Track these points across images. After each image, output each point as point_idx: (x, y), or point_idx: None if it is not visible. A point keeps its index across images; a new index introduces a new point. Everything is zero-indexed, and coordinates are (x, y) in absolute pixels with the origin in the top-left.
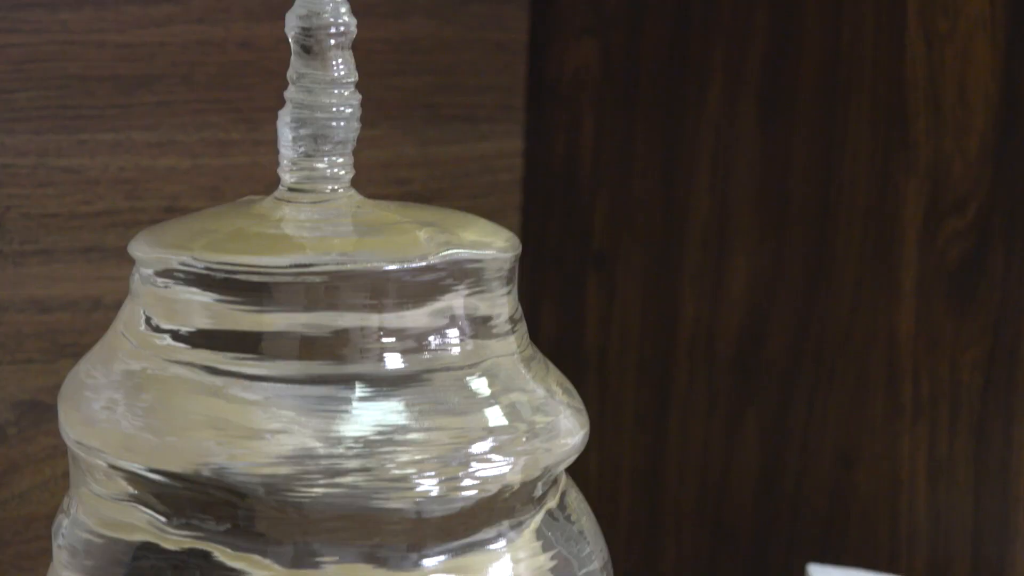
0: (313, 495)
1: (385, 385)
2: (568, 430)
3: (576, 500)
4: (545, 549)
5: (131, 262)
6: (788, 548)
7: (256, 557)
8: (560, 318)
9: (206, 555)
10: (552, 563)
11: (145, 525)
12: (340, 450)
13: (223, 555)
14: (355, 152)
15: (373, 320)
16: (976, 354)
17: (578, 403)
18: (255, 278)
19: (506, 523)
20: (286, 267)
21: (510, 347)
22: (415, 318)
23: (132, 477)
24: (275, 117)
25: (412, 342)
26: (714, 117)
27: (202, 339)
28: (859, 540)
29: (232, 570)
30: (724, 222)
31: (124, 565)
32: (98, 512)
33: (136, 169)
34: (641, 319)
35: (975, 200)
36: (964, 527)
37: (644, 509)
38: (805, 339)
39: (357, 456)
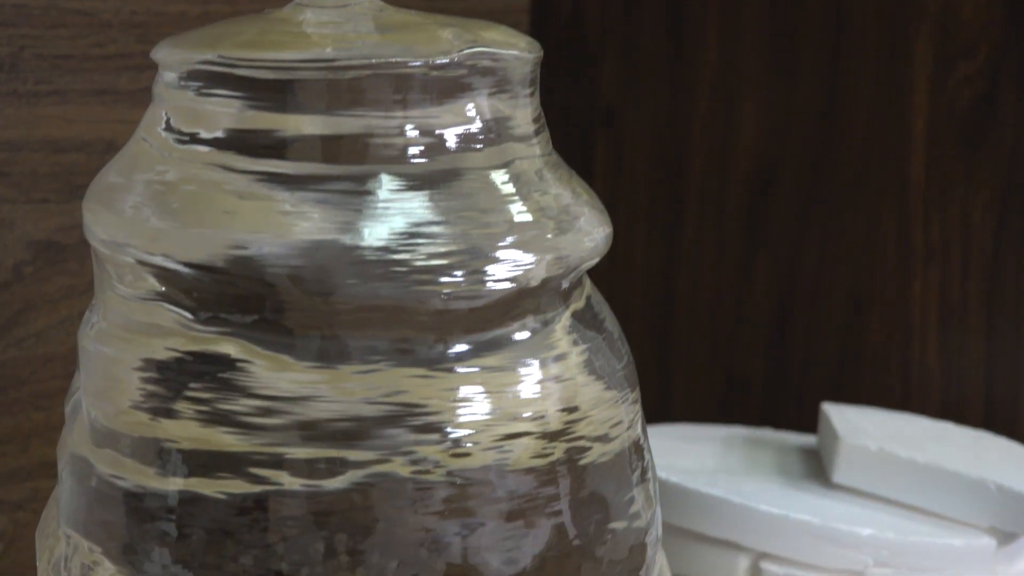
0: (340, 285)
1: (411, 181)
2: (592, 229)
3: (599, 303)
4: (572, 345)
5: (143, 105)
6: (799, 392)
7: (282, 355)
8: None
9: (231, 351)
10: (580, 359)
11: (172, 324)
12: (367, 242)
13: (248, 352)
14: None
15: (397, 117)
16: (987, 196)
17: (600, 205)
18: (278, 75)
19: (533, 319)
20: (309, 61)
21: (534, 150)
22: (440, 115)
23: (161, 272)
24: None
25: (437, 140)
26: None
27: (226, 141)
28: (871, 384)
29: (258, 366)
30: (733, 70)
31: (152, 363)
32: (124, 314)
33: (147, 13)
34: (650, 172)
35: (985, 44)
36: (976, 369)
37: (655, 358)
38: (815, 185)
39: (384, 249)
